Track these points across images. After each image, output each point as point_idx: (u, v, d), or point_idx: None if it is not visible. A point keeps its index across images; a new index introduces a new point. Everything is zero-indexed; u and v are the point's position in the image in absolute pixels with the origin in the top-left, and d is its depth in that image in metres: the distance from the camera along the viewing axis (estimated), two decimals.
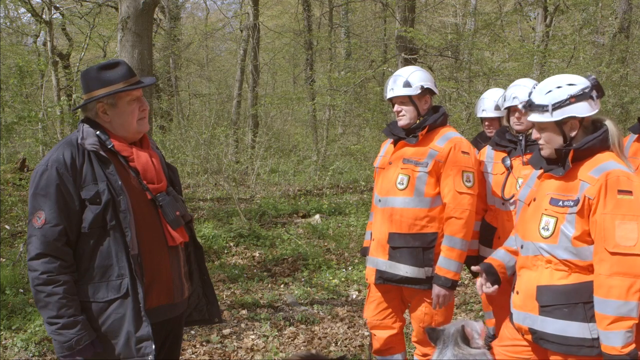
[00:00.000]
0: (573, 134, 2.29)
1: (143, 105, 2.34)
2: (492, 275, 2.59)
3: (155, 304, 2.27)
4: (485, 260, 2.68)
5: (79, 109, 2.32)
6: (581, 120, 2.28)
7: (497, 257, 2.65)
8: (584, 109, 2.26)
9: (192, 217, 2.48)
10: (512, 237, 2.62)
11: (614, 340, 2.10)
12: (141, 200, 2.27)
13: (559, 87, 2.28)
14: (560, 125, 2.29)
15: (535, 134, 2.38)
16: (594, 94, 2.27)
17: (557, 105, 2.25)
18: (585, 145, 2.26)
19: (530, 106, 2.32)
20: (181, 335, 2.58)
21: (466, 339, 2.50)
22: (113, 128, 2.30)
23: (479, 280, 2.63)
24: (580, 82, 2.29)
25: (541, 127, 2.33)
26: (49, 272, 2.12)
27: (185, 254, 2.45)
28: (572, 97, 2.24)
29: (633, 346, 2.11)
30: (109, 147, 2.26)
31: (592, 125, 2.32)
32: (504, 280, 2.64)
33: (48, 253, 2.12)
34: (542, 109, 2.28)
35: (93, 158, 2.20)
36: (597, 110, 2.30)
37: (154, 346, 2.16)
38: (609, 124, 2.30)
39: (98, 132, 2.26)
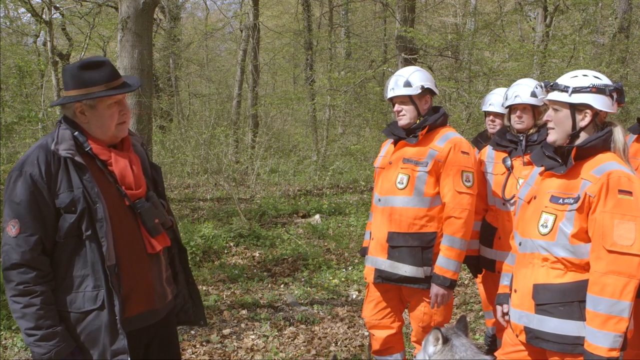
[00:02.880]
0: (583, 123, 2.30)
1: (124, 109, 2.23)
2: None
3: (134, 312, 2.20)
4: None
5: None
6: (594, 114, 2.29)
7: None
8: (601, 103, 2.28)
9: (172, 223, 2.38)
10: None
11: (602, 340, 2.10)
12: (119, 207, 2.18)
13: (585, 76, 2.32)
14: (574, 110, 2.30)
15: (546, 117, 2.39)
16: (615, 95, 2.30)
17: (578, 89, 2.28)
18: (588, 143, 2.27)
19: (552, 86, 2.35)
20: (171, 336, 2.49)
21: (466, 328, 2.50)
22: (90, 129, 2.19)
23: (500, 309, 2.60)
24: (606, 80, 2.33)
25: (555, 107, 2.35)
26: (25, 283, 2.04)
27: (167, 257, 2.39)
28: (594, 86, 2.28)
29: (618, 353, 2.09)
30: (87, 149, 2.16)
31: (602, 127, 2.33)
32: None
33: (24, 263, 2.04)
34: (563, 88, 2.31)
35: (69, 164, 2.09)
36: (612, 111, 2.32)
37: (128, 359, 2.10)
38: (616, 130, 2.31)
39: (76, 133, 2.16)
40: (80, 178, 2.09)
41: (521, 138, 3.46)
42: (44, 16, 11.85)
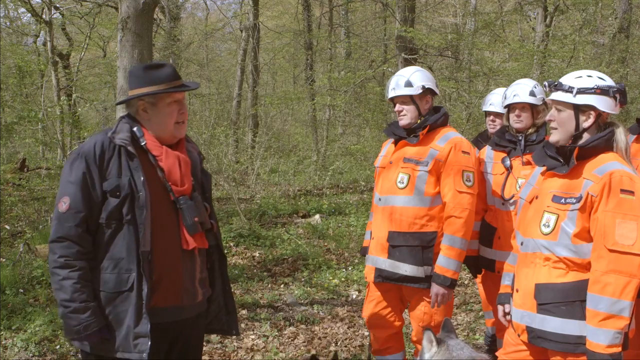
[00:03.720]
0: (586, 125, 2.31)
1: (183, 109, 2.37)
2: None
3: (161, 303, 2.27)
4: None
5: (82, 108, 2.33)
6: (598, 115, 2.30)
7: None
8: (604, 104, 2.28)
9: (213, 226, 2.46)
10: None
11: (601, 337, 2.11)
12: (162, 200, 2.29)
13: (589, 76, 2.32)
14: (577, 111, 2.30)
15: (549, 116, 2.39)
16: (618, 96, 2.30)
17: (583, 90, 2.28)
18: (590, 143, 2.28)
19: (556, 86, 2.34)
20: (197, 338, 2.54)
21: (453, 329, 2.50)
22: (150, 127, 2.34)
23: (502, 309, 2.61)
24: (610, 81, 2.33)
25: (559, 107, 2.34)
26: (67, 256, 2.18)
27: (204, 260, 2.44)
28: (598, 88, 2.28)
29: (619, 349, 2.10)
30: (142, 144, 2.30)
31: (604, 127, 2.34)
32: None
33: (68, 238, 2.19)
34: (567, 89, 2.30)
35: (123, 152, 2.25)
36: (615, 112, 2.32)
37: (149, 343, 2.18)
38: (618, 130, 2.31)
39: (135, 128, 2.31)
40: (130, 167, 2.24)
41: (520, 138, 3.46)
42: (44, 16, 11.86)
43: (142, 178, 2.22)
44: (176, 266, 2.31)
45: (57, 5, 12.45)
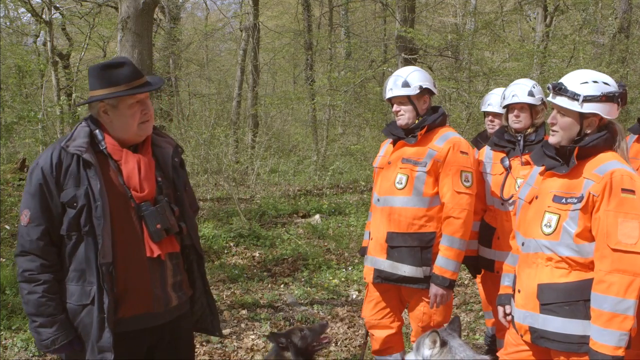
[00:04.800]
0: (589, 130, 2.30)
1: (146, 108, 2.26)
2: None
3: (129, 313, 2.21)
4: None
5: (83, 106, 2.29)
6: (600, 120, 2.29)
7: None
8: (609, 111, 2.28)
9: (182, 229, 2.34)
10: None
11: (607, 338, 2.11)
12: (124, 208, 2.20)
13: (595, 82, 2.28)
14: (582, 118, 2.29)
15: (551, 119, 2.37)
16: (619, 101, 2.29)
17: (590, 99, 2.26)
18: (590, 143, 2.28)
19: (560, 90, 2.31)
20: (180, 340, 2.46)
21: (460, 329, 2.51)
22: (113, 129, 2.25)
23: (502, 310, 2.60)
24: (613, 85, 2.31)
25: (563, 113, 2.33)
26: (30, 270, 2.15)
27: (177, 264, 2.35)
28: (604, 95, 2.26)
29: (624, 352, 2.10)
30: (102, 148, 2.22)
31: (603, 127, 2.33)
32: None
33: (30, 251, 2.15)
34: (573, 96, 2.27)
35: (81, 160, 2.16)
36: (616, 116, 2.32)
37: (112, 357, 2.12)
38: (617, 130, 2.31)
39: (96, 131, 2.23)
40: (87, 175, 2.15)
41: (519, 138, 3.46)
42: (44, 16, 11.85)
43: (98, 186, 2.13)
44: (142, 275, 2.22)
45: (57, 5, 12.44)
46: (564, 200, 2.28)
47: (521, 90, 3.44)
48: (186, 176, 2.51)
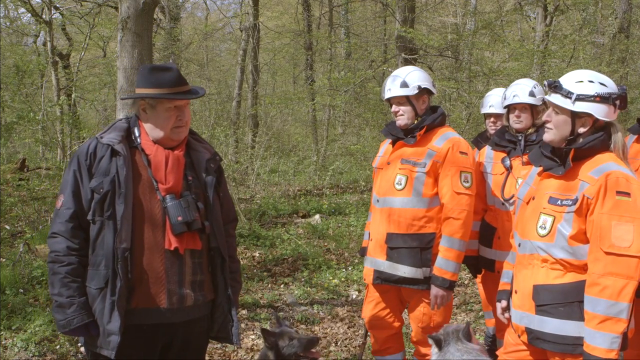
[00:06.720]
0: (582, 130, 2.29)
1: (182, 115, 2.36)
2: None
3: (141, 304, 2.24)
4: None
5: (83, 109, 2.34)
6: (594, 121, 2.28)
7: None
8: (603, 112, 2.26)
9: (206, 227, 2.35)
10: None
11: (599, 340, 2.10)
12: (149, 198, 2.29)
13: (590, 82, 2.28)
14: (574, 117, 2.28)
15: (546, 116, 2.36)
16: (617, 103, 2.27)
17: (582, 97, 2.25)
18: (586, 145, 2.26)
19: (555, 87, 2.31)
20: (195, 344, 2.45)
21: (469, 336, 2.52)
22: (148, 127, 2.36)
23: (500, 306, 2.61)
24: (611, 87, 2.29)
25: (556, 110, 2.32)
26: (57, 252, 2.24)
27: (199, 263, 2.35)
28: (598, 95, 2.24)
29: (617, 355, 2.10)
30: (136, 144, 2.34)
31: (601, 128, 2.31)
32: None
33: (59, 233, 2.25)
34: (566, 93, 2.27)
35: (112, 151, 2.28)
36: (613, 119, 2.29)
37: (118, 340, 2.16)
38: (615, 130, 2.29)
39: (135, 128, 2.36)
40: (117, 164, 2.26)
41: (520, 138, 3.46)
42: (44, 16, 11.85)
43: (124, 174, 2.23)
44: (158, 266, 2.26)
45: (57, 5, 12.43)
46: (559, 202, 2.27)
47: (522, 90, 3.44)
48: (225, 186, 2.57)
